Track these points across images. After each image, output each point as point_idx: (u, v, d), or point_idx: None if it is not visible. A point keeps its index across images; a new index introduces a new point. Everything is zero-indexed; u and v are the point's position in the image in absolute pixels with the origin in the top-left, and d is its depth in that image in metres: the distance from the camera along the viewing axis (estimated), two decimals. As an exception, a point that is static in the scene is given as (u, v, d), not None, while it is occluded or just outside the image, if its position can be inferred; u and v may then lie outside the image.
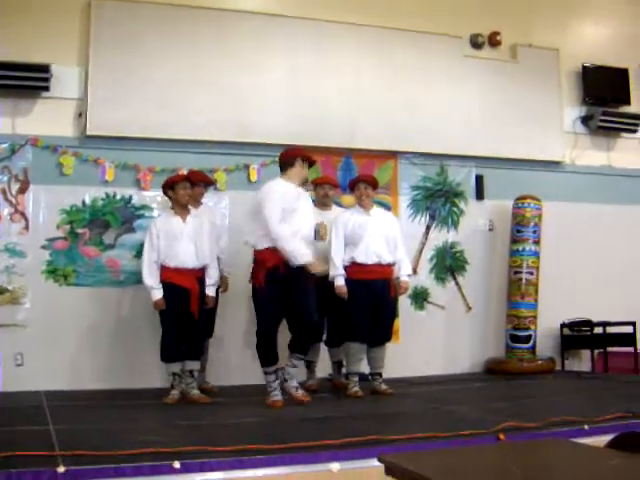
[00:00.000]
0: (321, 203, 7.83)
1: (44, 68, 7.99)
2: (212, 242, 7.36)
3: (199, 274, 7.16)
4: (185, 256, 7.05)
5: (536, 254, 9.42)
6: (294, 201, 6.77)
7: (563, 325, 9.67)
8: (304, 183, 7.24)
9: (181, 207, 7.16)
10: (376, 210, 7.66)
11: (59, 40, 8.23)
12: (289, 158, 6.95)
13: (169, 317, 7.02)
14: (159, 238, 7.02)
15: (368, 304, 7.31)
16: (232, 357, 8.36)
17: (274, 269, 6.61)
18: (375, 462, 3.30)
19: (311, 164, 7.10)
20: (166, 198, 7.42)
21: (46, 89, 8.10)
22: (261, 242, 6.68)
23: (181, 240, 7.05)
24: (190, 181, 7.25)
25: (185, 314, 7.00)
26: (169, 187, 7.18)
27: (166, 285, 7.01)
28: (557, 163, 10.17)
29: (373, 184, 7.57)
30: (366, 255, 7.36)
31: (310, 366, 7.93)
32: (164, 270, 7.02)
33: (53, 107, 8.21)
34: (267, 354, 6.72)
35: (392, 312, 7.74)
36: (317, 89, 9.04)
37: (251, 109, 8.70)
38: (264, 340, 6.71)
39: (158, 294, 6.98)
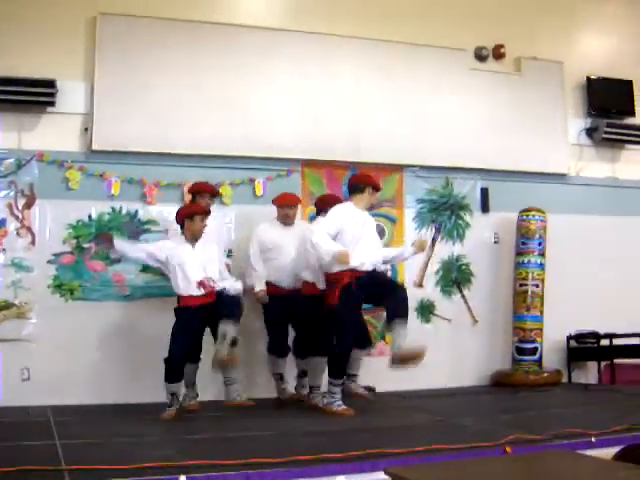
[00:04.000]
0: (283, 222, 7.92)
1: (50, 83, 8.01)
2: (221, 262, 7.48)
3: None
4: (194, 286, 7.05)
5: (541, 266, 9.41)
6: (360, 227, 7.09)
7: (569, 337, 9.64)
8: (370, 209, 7.52)
9: (193, 238, 7.14)
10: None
11: (65, 55, 8.26)
12: (360, 184, 7.26)
13: (184, 342, 6.97)
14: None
15: None
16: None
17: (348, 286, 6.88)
18: (381, 475, 3.31)
19: (378, 190, 7.44)
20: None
21: (52, 104, 8.12)
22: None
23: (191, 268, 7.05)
24: (207, 212, 7.27)
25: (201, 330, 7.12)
26: (189, 217, 7.13)
27: (185, 311, 7.03)
28: (562, 175, 10.16)
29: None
30: None
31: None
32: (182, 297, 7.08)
33: (59, 122, 8.23)
34: (343, 367, 7.07)
35: None
36: (321, 103, 9.05)
37: (256, 123, 8.71)
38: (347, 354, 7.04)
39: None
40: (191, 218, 7.09)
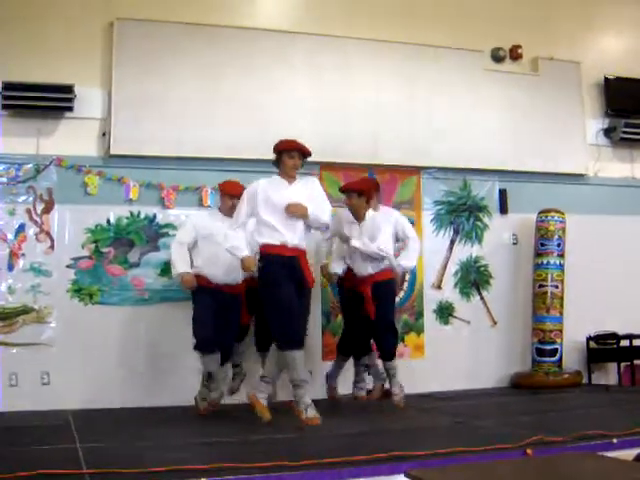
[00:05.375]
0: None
1: (68, 89, 8.05)
2: None
3: None
4: None
5: (561, 267, 9.38)
6: None
7: (589, 338, 9.60)
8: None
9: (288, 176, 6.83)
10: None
11: (82, 61, 8.30)
12: None
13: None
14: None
15: None
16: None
17: None
18: (401, 478, 3.30)
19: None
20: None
21: (70, 109, 8.15)
22: None
23: None
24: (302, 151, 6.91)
25: None
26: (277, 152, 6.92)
27: None
28: (580, 176, 10.13)
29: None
30: None
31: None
32: None
33: (77, 127, 8.27)
34: None
35: None
36: (339, 105, 9.04)
37: (273, 126, 8.67)
38: None
39: None
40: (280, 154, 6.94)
